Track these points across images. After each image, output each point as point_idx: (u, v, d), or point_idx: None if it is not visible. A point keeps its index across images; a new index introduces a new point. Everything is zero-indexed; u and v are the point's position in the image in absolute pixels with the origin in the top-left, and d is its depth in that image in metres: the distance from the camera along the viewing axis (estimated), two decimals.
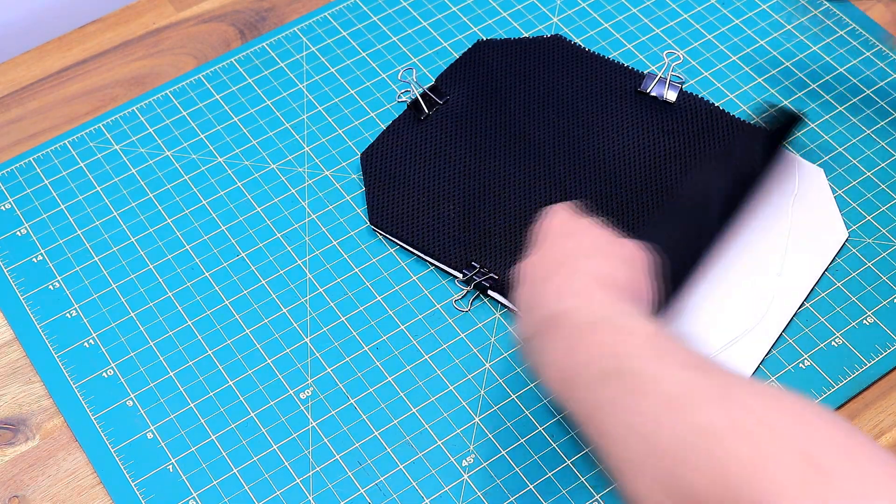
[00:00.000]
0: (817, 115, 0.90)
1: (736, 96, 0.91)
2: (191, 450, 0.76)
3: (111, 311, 0.82)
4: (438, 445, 0.75)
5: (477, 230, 0.83)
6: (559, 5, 0.98)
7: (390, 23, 0.97)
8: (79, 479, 0.75)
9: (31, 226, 0.86)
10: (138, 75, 0.95)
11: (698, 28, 0.96)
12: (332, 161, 0.89)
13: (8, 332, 0.81)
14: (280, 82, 0.94)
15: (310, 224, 0.86)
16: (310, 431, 0.76)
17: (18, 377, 0.80)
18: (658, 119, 0.89)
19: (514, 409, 0.77)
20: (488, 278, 0.81)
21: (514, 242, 0.83)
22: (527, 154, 0.87)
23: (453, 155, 0.87)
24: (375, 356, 0.79)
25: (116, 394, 0.78)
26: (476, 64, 0.93)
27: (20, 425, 0.78)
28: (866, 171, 0.87)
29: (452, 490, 0.74)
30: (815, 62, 0.93)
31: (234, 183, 0.88)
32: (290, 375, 0.78)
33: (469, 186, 0.86)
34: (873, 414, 0.77)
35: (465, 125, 0.89)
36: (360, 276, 0.83)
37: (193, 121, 0.91)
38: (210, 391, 0.78)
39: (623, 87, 0.91)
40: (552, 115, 0.89)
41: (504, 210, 0.84)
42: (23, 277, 0.83)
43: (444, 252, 0.83)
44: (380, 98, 0.92)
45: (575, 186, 0.85)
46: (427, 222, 0.84)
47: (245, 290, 0.82)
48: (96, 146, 0.90)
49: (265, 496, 0.74)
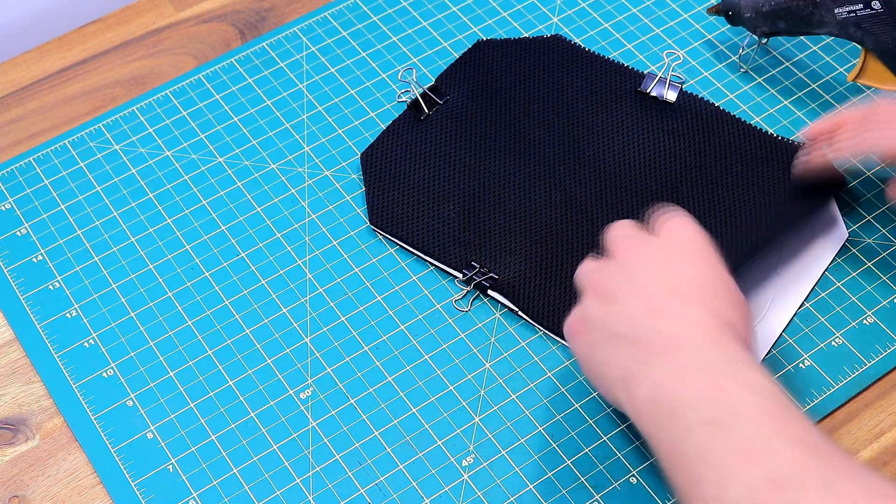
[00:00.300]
0: (817, 116, 0.90)
1: (736, 96, 0.91)
2: (191, 450, 0.76)
3: (111, 311, 0.82)
4: (438, 445, 0.75)
5: (477, 230, 0.83)
6: (559, 5, 0.98)
7: (390, 23, 0.97)
8: (79, 479, 0.75)
9: (31, 226, 0.86)
10: (138, 75, 0.95)
11: (698, 28, 0.96)
12: (332, 161, 0.89)
13: (8, 332, 0.81)
14: (280, 82, 0.94)
15: (310, 224, 0.86)
16: (310, 431, 0.76)
17: (18, 377, 0.80)
18: (658, 119, 0.89)
19: (514, 409, 0.77)
20: (488, 278, 0.81)
21: (514, 242, 0.83)
22: (527, 154, 0.87)
23: (453, 155, 0.87)
24: (375, 356, 0.79)
25: (116, 394, 0.78)
26: (476, 64, 0.93)
27: (20, 425, 0.78)
28: (866, 171, 0.87)
29: (452, 490, 0.74)
30: (815, 62, 0.93)
31: (234, 183, 0.88)
32: (290, 375, 0.78)
33: (469, 186, 0.86)
34: (873, 414, 0.77)
35: (465, 125, 0.89)
36: (360, 276, 0.83)
37: (193, 121, 0.91)
38: (210, 391, 0.78)
39: (623, 87, 0.91)
40: (552, 115, 0.89)
41: (504, 210, 0.84)
42: (23, 277, 0.83)
43: (444, 252, 0.83)
44: (380, 98, 0.92)
45: (575, 186, 0.85)
46: (427, 222, 0.84)
47: (245, 290, 0.82)
48: (96, 146, 0.90)
49: (265, 496, 0.74)
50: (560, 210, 0.84)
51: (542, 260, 0.82)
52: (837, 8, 0.84)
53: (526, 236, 0.83)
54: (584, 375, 0.71)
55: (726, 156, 0.86)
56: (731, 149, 0.87)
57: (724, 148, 0.87)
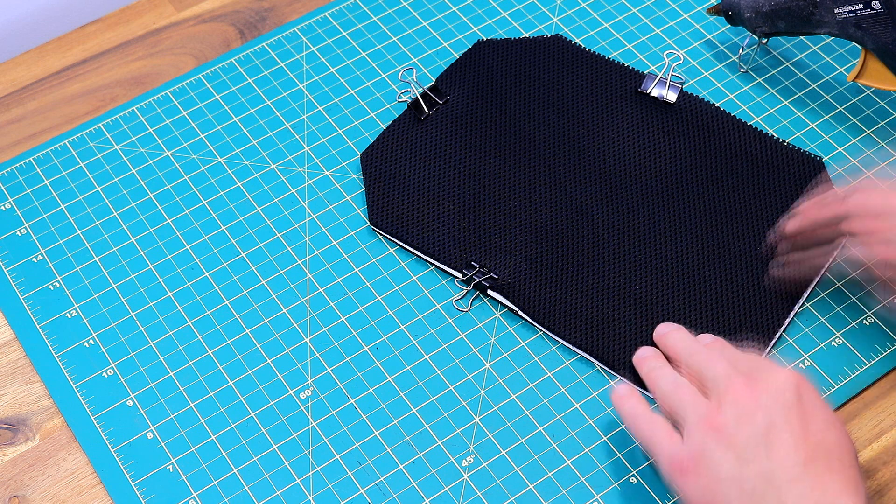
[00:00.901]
0: (817, 115, 0.90)
1: (736, 96, 0.91)
2: (191, 450, 0.76)
3: (111, 311, 0.82)
4: (438, 445, 0.75)
5: (477, 230, 0.83)
6: (559, 5, 0.98)
7: (390, 23, 0.97)
8: (79, 479, 0.75)
9: (31, 226, 0.86)
10: (138, 75, 0.95)
11: (698, 28, 0.96)
12: (332, 161, 0.89)
13: (8, 332, 0.81)
14: (280, 82, 0.94)
15: (310, 224, 0.86)
16: (310, 431, 0.76)
17: (18, 377, 0.80)
18: (658, 119, 0.89)
19: (514, 409, 0.77)
20: (488, 278, 0.81)
21: (513, 243, 0.83)
22: (527, 154, 0.87)
23: (453, 155, 0.87)
24: (375, 356, 0.79)
25: (116, 394, 0.78)
26: (476, 64, 0.93)
27: (20, 425, 0.78)
28: (866, 171, 0.87)
29: (452, 490, 0.74)
30: (815, 62, 0.93)
31: (234, 183, 0.88)
32: (290, 375, 0.78)
33: (469, 186, 0.86)
34: (873, 414, 0.77)
35: (465, 125, 0.89)
36: (360, 276, 0.83)
37: (193, 121, 0.91)
38: (210, 391, 0.78)
39: (623, 88, 0.91)
40: (552, 116, 0.89)
41: (504, 210, 0.84)
42: (23, 277, 0.83)
43: (444, 252, 0.83)
44: (380, 98, 0.92)
45: (575, 187, 0.85)
46: (427, 222, 0.84)
47: (245, 290, 0.82)
48: (96, 146, 0.90)
49: (265, 496, 0.74)
50: (559, 210, 0.84)
51: (542, 260, 0.82)
52: (837, 8, 0.84)
53: (526, 236, 0.83)
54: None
55: (726, 156, 0.86)
56: (730, 149, 0.87)
57: (724, 148, 0.87)
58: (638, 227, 0.83)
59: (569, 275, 0.81)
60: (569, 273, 0.81)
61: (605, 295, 0.80)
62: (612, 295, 0.80)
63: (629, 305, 0.80)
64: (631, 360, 0.76)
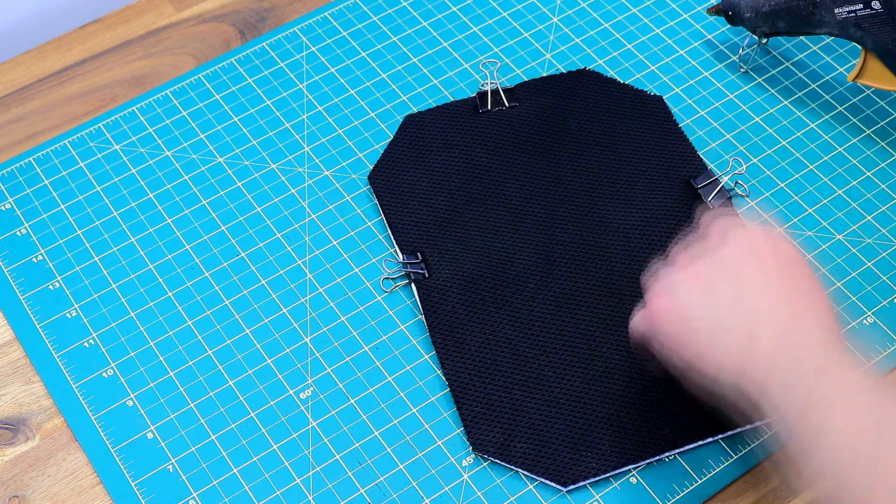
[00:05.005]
0: (817, 116, 0.90)
1: (736, 96, 0.91)
2: (191, 450, 0.76)
3: (111, 311, 0.82)
4: (438, 445, 0.75)
5: (440, 223, 0.84)
6: (559, 5, 0.98)
7: (390, 23, 0.97)
8: (79, 479, 0.75)
9: (31, 226, 0.86)
10: (138, 75, 0.95)
11: (698, 28, 0.96)
12: (332, 161, 0.89)
13: (8, 332, 0.81)
14: (280, 82, 0.94)
15: (310, 224, 0.86)
16: (310, 431, 0.76)
17: (18, 377, 0.80)
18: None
19: None
20: (419, 273, 0.81)
21: (465, 250, 0.82)
22: (548, 196, 0.85)
23: (470, 168, 0.86)
24: (375, 356, 0.79)
25: (116, 394, 0.78)
26: (564, 88, 0.91)
27: (20, 425, 0.78)
28: (866, 171, 0.87)
29: (452, 490, 0.74)
30: (815, 62, 0.93)
31: (234, 183, 0.88)
32: (290, 375, 0.78)
33: (467, 195, 0.85)
34: None
35: (502, 141, 0.88)
36: (360, 277, 0.83)
37: (193, 121, 0.91)
38: (210, 391, 0.78)
39: (678, 174, 0.86)
40: (594, 170, 0.86)
41: (475, 218, 0.84)
42: (23, 277, 0.83)
43: (399, 234, 0.83)
44: (380, 98, 0.92)
45: (571, 260, 0.82)
46: (425, 218, 0.84)
47: (245, 290, 0.82)
48: (96, 146, 0.90)
49: (265, 496, 0.74)
50: (517, 244, 0.83)
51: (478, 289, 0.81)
52: (837, 8, 0.84)
53: (478, 257, 0.82)
54: (664, 351, 0.69)
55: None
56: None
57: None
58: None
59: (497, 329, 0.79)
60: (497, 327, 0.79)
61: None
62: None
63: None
64: None
